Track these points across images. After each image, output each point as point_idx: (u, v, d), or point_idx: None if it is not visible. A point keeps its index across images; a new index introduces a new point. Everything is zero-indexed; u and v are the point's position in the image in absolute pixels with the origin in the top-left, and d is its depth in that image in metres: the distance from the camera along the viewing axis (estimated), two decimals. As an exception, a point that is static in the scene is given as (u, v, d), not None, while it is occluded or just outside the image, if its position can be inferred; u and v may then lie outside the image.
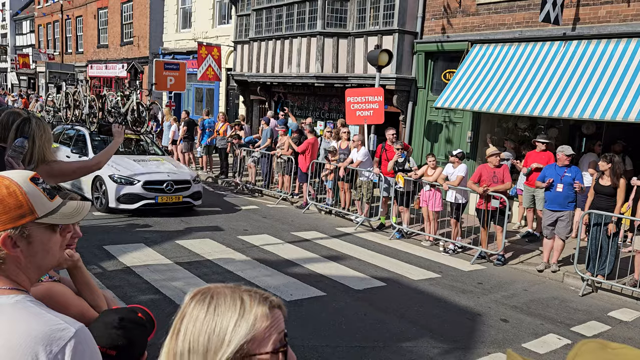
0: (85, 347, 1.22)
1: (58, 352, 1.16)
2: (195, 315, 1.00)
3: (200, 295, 1.04)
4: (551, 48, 9.70)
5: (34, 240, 1.30)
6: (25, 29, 38.05)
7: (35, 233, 1.30)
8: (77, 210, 1.37)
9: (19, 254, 1.28)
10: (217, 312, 1.00)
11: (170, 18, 21.75)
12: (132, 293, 5.78)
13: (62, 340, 1.18)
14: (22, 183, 1.30)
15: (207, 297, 1.02)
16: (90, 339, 1.26)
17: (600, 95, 8.48)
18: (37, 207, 1.29)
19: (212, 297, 1.02)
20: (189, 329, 1.00)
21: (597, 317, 6.12)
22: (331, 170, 10.77)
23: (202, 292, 1.05)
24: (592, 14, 9.24)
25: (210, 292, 1.04)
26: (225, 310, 1.00)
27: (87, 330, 1.25)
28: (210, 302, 1.01)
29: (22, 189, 1.28)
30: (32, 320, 1.21)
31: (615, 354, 0.76)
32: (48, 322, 1.20)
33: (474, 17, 11.03)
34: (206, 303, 1.01)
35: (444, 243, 8.73)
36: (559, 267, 7.63)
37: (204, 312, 1.00)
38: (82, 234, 2.16)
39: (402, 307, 6.04)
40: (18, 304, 1.24)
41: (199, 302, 1.02)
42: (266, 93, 16.23)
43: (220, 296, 1.02)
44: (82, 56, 29.38)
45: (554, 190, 7.53)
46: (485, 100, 9.90)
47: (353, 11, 12.73)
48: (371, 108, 10.69)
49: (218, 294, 1.03)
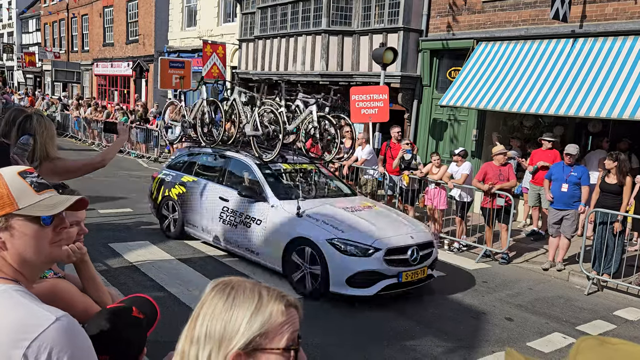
0: (68, 337, 1.19)
1: (34, 339, 1.14)
2: (214, 303, 1.05)
3: (221, 285, 1.08)
4: (557, 46, 9.64)
5: (16, 232, 1.29)
6: (31, 27, 38.22)
7: (18, 225, 1.29)
8: (60, 202, 1.36)
9: (1, 245, 1.28)
10: (235, 303, 1.04)
11: (176, 16, 21.79)
12: (136, 290, 5.80)
13: (40, 327, 1.15)
14: (7, 176, 1.31)
15: (228, 288, 1.07)
16: (75, 328, 1.23)
17: (607, 93, 8.43)
18: (19, 199, 1.29)
19: (233, 288, 1.07)
20: (207, 315, 1.04)
21: (602, 316, 6.09)
22: (336, 169, 10.76)
23: (224, 283, 1.09)
24: (598, 12, 9.18)
25: (231, 283, 1.08)
26: (243, 302, 1.04)
27: (72, 321, 1.22)
28: (229, 293, 1.05)
29: (4, 181, 1.29)
30: (12, 309, 1.20)
31: (615, 350, 0.76)
32: (29, 311, 1.19)
33: (480, 14, 10.98)
34: (226, 293, 1.05)
35: (449, 241, 8.71)
36: (565, 266, 7.60)
37: (222, 301, 1.04)
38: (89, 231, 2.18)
39: (406, 305, 6.04)
40: (3, 292, 1.24)
41: (219, 291, 1.06)
42: (271, 91, 16.22)
43: (240, 289, 1.06)
44: (88, 54, 29.49)
45: (559, 190, 7.51)
46: (490, 98, 9.87)
47: (358, 9, 12.70)
48: (376, 106, 10.68)
49: (238, 286, 1.07)
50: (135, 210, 9.64)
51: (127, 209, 9.70)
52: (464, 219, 8.61)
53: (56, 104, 24.13)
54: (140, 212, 9.47)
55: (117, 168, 14.33)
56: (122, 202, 10.27)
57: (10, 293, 1.24)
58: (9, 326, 1.15)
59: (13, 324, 1.15)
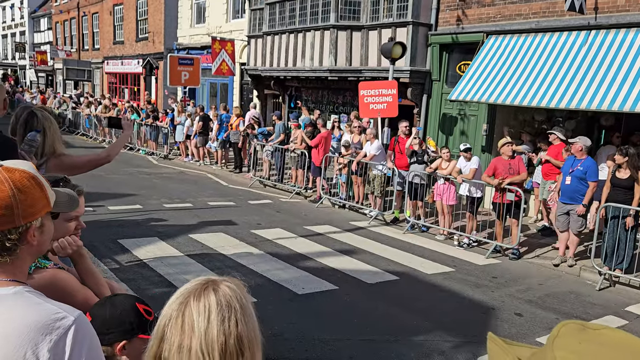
0: (85, 333, 1.23)
1: (58, 340, 1.17)
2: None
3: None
4: (568, 38, 9.51)
5: (45, 230, 1.33)
6: (42, 26, 38.55)
7: (46, 222, 1.33)
8: (72, 199, 1.40)
9: (34, 243, 1.30)
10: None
11: (185, 13, 21.84)
12: (145, 286, 5.83)
13: (62, 328, 1.19)
14: (37, 174, 1.32)
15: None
16: (88, 326, 1.27)
17: (619, 85, 8.30)
18: (50, 197, 1.33)
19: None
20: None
21: (614, 312, 6.01)
22: (345, 164, 10.73)
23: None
24: (610, 3, 9.03)
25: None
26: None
27: (85, 318, 1.27)
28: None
29: (40, 180, 1.31)
30: (30, 310, 1.22)
31: (596, 334, 0.74)
32: (47, 311, 1.21)
33: (490, 7, 10.86)
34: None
35: (459, 237, 8.65)
36: (576, 262, 7.51)
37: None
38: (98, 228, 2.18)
39: (415, 301, 6.01)
40: (17, 294, 1.25)
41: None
42: (280, 87, 16.22)
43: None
44: (99, 52, 29.67)
45: (563, 183, 7.46)
46: (501, 92, 9.76)
47: (367, 3, 12.63)
48: (385, 101, 10.62)
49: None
50: (144, 207, 9.69)
51: (137, 206, 9.75)
52: (474, 214, 8.53)
53: (67, 102, 24.33)
54: (150, 209, 9.52)
55: (127, 165, 14.43)
56: (131, 198, 10.33)
57: (24, 294, 1.26)
58: (31, 326, 1.17)
59: (35, 324, 1.18)
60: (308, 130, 11.59)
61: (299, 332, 4.92)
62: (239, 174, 13.91)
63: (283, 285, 6.09)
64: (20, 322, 1.18)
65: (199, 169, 14.86)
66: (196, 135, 15.11)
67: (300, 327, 5.02)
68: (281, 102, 16.71)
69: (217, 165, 14.97)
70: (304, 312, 5.47)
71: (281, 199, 11.40)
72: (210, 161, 15.37)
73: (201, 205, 10.14)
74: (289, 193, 11.89)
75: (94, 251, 6.80)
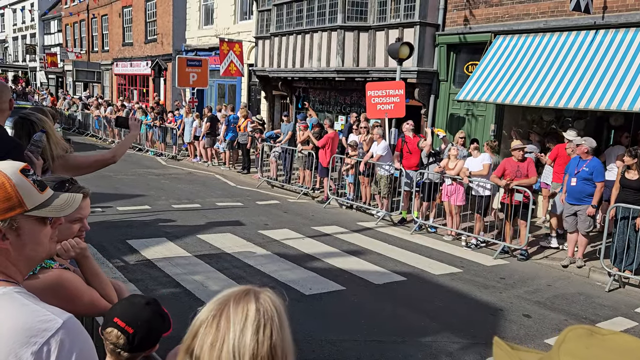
0: (74, 337, 1.19)
1: (43, 343, 1.14)
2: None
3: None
4: (577, 38, 9.44)
5: (23, 233, 1.28)
6: (53, 28, 38.87)
7: (25, 225, 1.28)
8: (67, 203, 1.36)
9: (8, 246, 1.27)
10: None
11: (193, 15, 21.93)
12: (153, 286, 5.86)
13: (48, 331, 1.15)
14: (12, 175, 1.27)
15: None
16: (79, 329, 1.23)
17: (629, 85, 8.22)
18: (27, 199, 1.27)
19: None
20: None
21: (623, 313, 5.96)
22: (352, 165, 10.73)
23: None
24: (620, 2, 8.95)
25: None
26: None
27: (77, 321, 1.22)
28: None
29: (10, 181, 1.26)
30: (17, 312, 1.19)
31: (604, 340, 0.73)
32: (34, 313, 1.18)
33: (497, 7, 10.81)
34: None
35: (467, 237, 8.61)
36: (585, 262, 7.46)
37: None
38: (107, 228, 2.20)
39: (423, 301, 5.99)
40: (5, 295, 1.23)
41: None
42: (287, 88, 16.24)
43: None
44: (108, 54, 29.87)
45: (569, 184, 7.42)
46: (509, 92, 9.71)
47: (374, 4, 12.61)
48: (392, 102, 10.59)
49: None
50: (153, 208, 9.74)
51: (145, 206, 9.80)
52: (484, 215, 8.49)
53: (77, 104, 24.51)
54: (158, 210, 9.57)
55: (136, 166, 14.51)
56: (140, 199, 10.39)
57: (13, 295, 1.23)
58: (16, 329, 1.14)
59: (20, 327, 1.15)
60: (315, 131, 11.60)
61: (306, 332, 4.93)
62: (247, 175, 13.94)
63: (290, 285, 6.09)
64: (4, 324, 1.15)
65: (207, 169, 14.91)
66: (204, 136, 15.17)
67: (307, 328, 5.03)
68: (289, 103, 16.73)
69: (225, 166, 15.02)
70: (311, 312, 5.47)
71: (289, 200, 11.42)
72: (218, 162, 15.43)
73: (209, 205, 10.18)
74: (296, 194, 11.90)
75: (103, 251, 6.86)
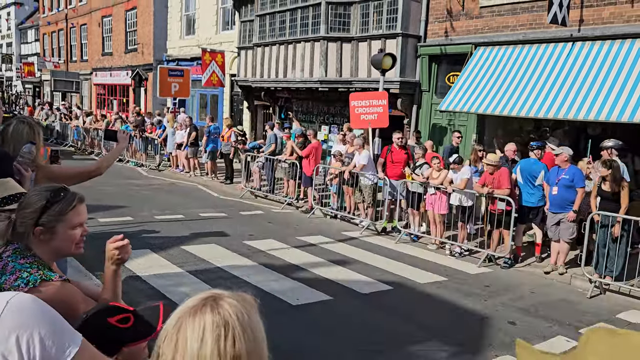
0: (28, 313, 1.16)
1: None
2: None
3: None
4: (555, 50, 9.68)
5: None
6: (30, 37, 38.35)
7: None
8: None
9: None
10: None
11: (174, 25, 21.86)
12: (139, 299, 5.78)
13: None
14: None
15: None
16: (33, 304, 1.20)
17: (605, 96, 8.45)
18: None
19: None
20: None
21: (605, 319, 6.07)
22: (336, 175, 10.77)
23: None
24: (595, 15, 9.22)
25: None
26: None
27: (30, 297, 1.21)
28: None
29: None
30: None
31: (625, 338, 0.77)
32: None
33: (477, 19, 11.03)
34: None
35: (450, 246, 8.70)
36: (567, 269, 7.59)
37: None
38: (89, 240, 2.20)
39: (409, 310, 6.03)
40: None
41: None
42: (270, 98, 16.26)
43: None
44: (87, 64, 29.56)
45: (550, 193, 7.57)
46: (489, 102, 9.89)
47: (356, 15, 12.75)
48: (375, 112, 10.69)
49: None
50: (135, 219, 9.63)
51: (128, 218, 9.68)
52: (466, 223, 8.60)
53: (55, 114, 24.16)
54: (141, 221, 9.46)
55: (117, 177, 14.33)
56: (122, 210, 10.26)
57: None
58: None
59: None
60: (299, 141, 11.63)
61: (294, 343, 4.91)
62: (230, 185, 13.88)
63: (277, 296, 6.07)
64: None
65: (190, 180, 14.81)
66: (186, 147, 15.08)
67: (295, 339, 5.01)
68: (272, 113, 16.76)
69: (207, 176, 14.93)
70: (298, 323, 5.46)
71: (273, 210, 11.39)
72: (201, 172, 15.33)
73: (193, 216, 10.10)
74: (280, 204, 11.88)
75: (85, 264, 6.74)
